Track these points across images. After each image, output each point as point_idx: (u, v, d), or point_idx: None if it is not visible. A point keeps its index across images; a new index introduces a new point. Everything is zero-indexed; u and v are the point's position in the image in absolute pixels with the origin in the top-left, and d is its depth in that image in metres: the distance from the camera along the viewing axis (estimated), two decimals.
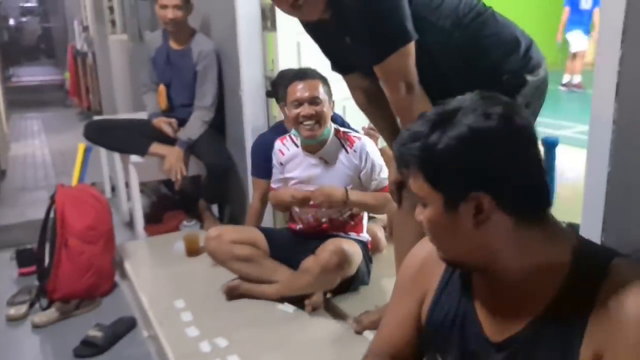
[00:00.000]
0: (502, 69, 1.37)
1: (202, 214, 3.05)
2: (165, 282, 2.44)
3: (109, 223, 2.53)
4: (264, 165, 2.42)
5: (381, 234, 2.53)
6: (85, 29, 8.40)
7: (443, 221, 0.85)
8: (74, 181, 2.60)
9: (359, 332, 1.89)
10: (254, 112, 2.75)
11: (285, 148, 2.25)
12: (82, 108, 7.77)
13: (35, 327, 2.24)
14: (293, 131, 2.22)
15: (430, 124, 0.83)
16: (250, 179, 2.77)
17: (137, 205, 3.00)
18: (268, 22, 2.67)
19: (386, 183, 2.08)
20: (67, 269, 2.37)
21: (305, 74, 2.12)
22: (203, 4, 3.04)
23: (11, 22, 16.12)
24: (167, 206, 3.30)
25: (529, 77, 1.38)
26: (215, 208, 3.19)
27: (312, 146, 2.15)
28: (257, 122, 2.76)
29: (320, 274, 1.98)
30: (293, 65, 2.73)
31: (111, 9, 6.01)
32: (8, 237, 3.22)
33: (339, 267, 1.97)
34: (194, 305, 2.18)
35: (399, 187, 1.67)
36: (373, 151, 2.17)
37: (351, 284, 2.15)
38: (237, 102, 2.79)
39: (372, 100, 1.69)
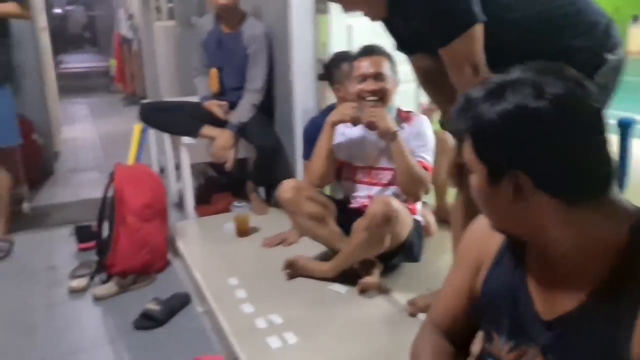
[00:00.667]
0: (579, 46, 1.32)
1: (249, 196, 3.10)
2: (218, 261, 2.50)
3: (164, 202, 2.60)
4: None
5: (432, 219, 2.54)
6: (131, 16, 8.58)
7: (486, 192, 0.86)
8: (130, 160, 2.68)
9: (413, 315, 1.91)
10: (304, 95, 2.77)
11: (346, 125, 2.28)
12: (127, 94, 7.97)
13: (96, 299, 2.33)
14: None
15: (485, 92, 0.82)
16: (300, 162, 2.81)
17: (188, 187, 3.07)
18: (321, 4, 2.68)
19: (423, 162, 2.13)
20: (125, 245, 2.45)
21: (371, 50, 2.15)
22: None
23: (58, 11, 16.56)
24: (215, 188, 3.37)
25: (609, 56, 1.33)
26: (262, 191, 3.24)
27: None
28: (307, 105, 2.79)
29: (369, 227, 1.98)
30: (344, 47, 2.75)
31: None
32: (65, 215, 3.35)
33: (386, 219, 1.96)
34: (247, 283, 2.23)
35: (459, 171, 1.67)
36: (428, 130, 2.21)
37: (403, 253, 2.16)
38: (288, 85, 2.82)
39: (436, 80, 1.69)
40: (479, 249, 1.02)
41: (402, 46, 1.69)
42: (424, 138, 2.19)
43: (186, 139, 2.98)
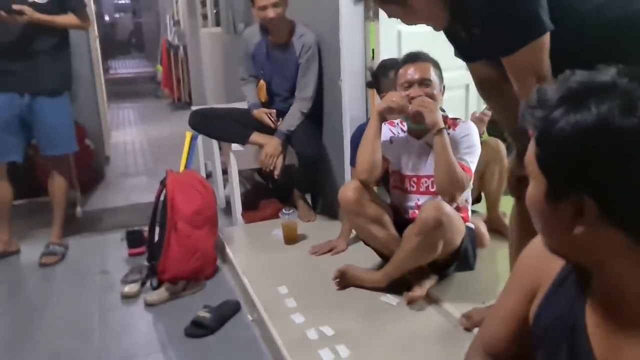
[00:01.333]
0: None
1: (296, 203, 3.10)
2: (267, 268, 2.50)
3: (214, 209, 2.62)
4: None
5: (484, 228, 2.47)
6: (176, 23, 8.77)
7: (542, 207, 0.75)
8: (181, 167, 2.71)
9: (468, 329, 1.85)
10: (353, 102, 2.75)
11: (391, 132, 2.26)
12: (173, 99, 8.14)
13: (148, 305, 2.36)
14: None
15: (563, 93, 0.70)
16: (348, 168, 2.79)
17: (237, 193, 3.09)
18: (370, 11, 2.66)
19: (464, 164, 2.06)
20: (176, 251, 2.48)
21: (417, 57, 2.11)
22: None
23: (106, 18, 17.10)
24: (262, 194, 3.38)
25: None
26: (308, 197, 3.24)
27: (419, 131, 2.15)
28: (356, 112, 2.76)
29: (420, 233, 1.94)
30: (394, 54, 2.71)
31: (203, 3, 6.22)
32: (117, 220, 3.43)
33: (438, 224, 1.91)
34: (297, 292, 2.22)
35: (519, 181, 1.61)
36: (474, 135, 2.15)
37: (457, 262, 2.11)
38: (337, 92, 2.80)
39: (496, 89, 1.64)
40: (536, 271, 0.92)
41: (461, 53, 1.64)
42: (469, 142, 2.13)
43: (235, 146, 3.00)
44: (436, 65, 2.12)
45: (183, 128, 5.76)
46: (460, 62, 1.66)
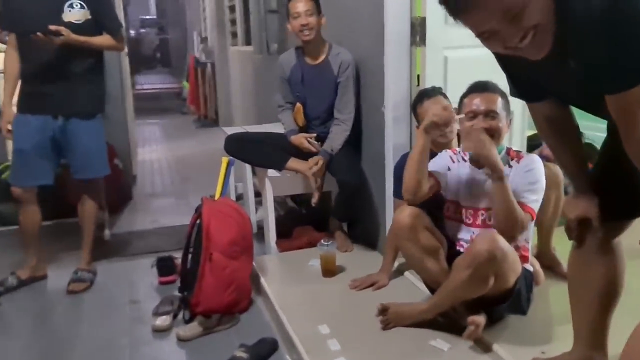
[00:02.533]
0: None
1: (333, 232, 2.98)
2: (305, 303, 2.38)
3: (250, 239, 2.51)
4: None
5: (538, 266, 2.32)
6: (204, 40, 8.78)
7: None
8: (217, 194, 2.61)
9: None
10: (396, 130, 2.63)
11: (451, 160, 2.15)
12: (199, 116, 8.11)
13: (180, 340, 2.25)
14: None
15: None
16: (390, 198, 2.67)
17: (271, 220, 2.98)
18: (417, 36, 2.55)
19: (527, 205, 1.93)
20: (211, 283, 2.37)
21: (485, 87, 2.01)
22: (342, 17, 2.97)
23: (132, 33, 17.31)
24: (296, 220, 3.27)
25: None
26: (344, 225, 3.11)
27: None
28: (399, 140, 2.64)
29: (471, 265, 1.81)
30: (439, 81, 2.60)
31: (233, 21, 6.20)
32: (145, 244, 3.34)
33: (491, 257, 1.78)
34: (339, 331, 2.09)
35: (582, 224, 1.48)
36: (539, 170, 2.01)
37: (509, 303, 1.97)
38: (379, 118, 2.68)
39: (558, 129, 1.52)
40: None
41: (520, 90, 1.51)
42: (533, 177, 1.99)
43: (271, 171, 2.90)
44: (504, 96, 2.00)
45: (209, 146, 5.70)
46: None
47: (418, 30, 2.53)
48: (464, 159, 2.14)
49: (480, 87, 2.02)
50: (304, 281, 2.59)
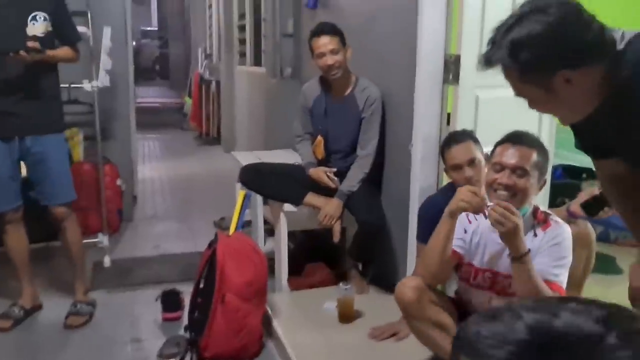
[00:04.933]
0: None
1: (348, 273, 2.83)
2: (322, 353, 2.23)
3: (265, 280, 2.36)
4: (433, 230, 2.17)
5: None
6: (208, 56, 8.67)
7: None
8: (232, 229, 2.46)
9: None
10: (424, 169, 2.50)
11: (467, 220, 1.94)
12: (200, 133, 7.96)
13: None
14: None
15: None
16: (412, 241, 2.53)
17: (284, 257, 2.83)
18: (450, 74, 2.44)
19: (555, 283, 1.74)
20: (222, 326, 2.21)
21: (521, 138, 1.80)
22: (372, 50, 2.85)
23: (133, 43, 17.20)
24: (307, 256, 3.11)
25: None
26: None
27: None
28: (427, 181, 2.51)
29: None
30: (470, 121, 2.49)
31: (242, 41, 6.09)
32: (148, 273, 3.17)
33: None
34: None
35: None
36: (566, 242, 1.79)
37: None
38: (405, 156, 2.56)
39: (627, 190, 1.41)
40: None
41: (584, 146, 1.41)
42: (560, 253, 1.79)
43: (287, 206, 2.76)
44: (542, 152, 1.80)
45: (210, 166, 5.57)
46: None
47: (452, 68, 2.42)
48: (485, 215, 1.88)
49: (516, 138, 1.80)
50: (319, 326, 2.43)
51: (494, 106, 2.56)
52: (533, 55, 1.13)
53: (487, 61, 1.18)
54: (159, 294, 2.68)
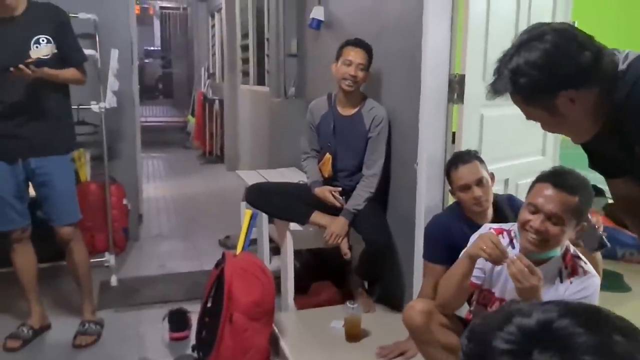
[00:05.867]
0: None
1: (354, 291, 2.84)
2: None
3: (273, 300, 2.36)
4: (440, 249, 2.18)
5: None
6: (211, 75, 8.76)
7: None
8: (238, 249, 2.47)
9: None
10: (430, 189, 2.52)
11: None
12: (204, 151, 8.00)
13: None
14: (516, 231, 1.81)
15: None
16: (418, 260, 2.54)
17: (290, 276, 2.84)
18: (455, 93, 2.47)
19: None
20: (230, 346, 2.22)
21: (563, 183, 1.60)
22: (377, 68, 2.88)
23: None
24: (313, 275, 3.12)
25: None
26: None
27: (530, 259, 1.66)
28: (432, 201, 2.52)
29: None
30: (474, 140, 2.51)
31: (245, 60, 6.15)
32: (154, 292, 3.17)
33: None
34: None
35: None
36: (594, 296, 1.69)
37: None
38: (411, 176, 2.58)
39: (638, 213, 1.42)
40: None
41: (602, 168, 1.43)
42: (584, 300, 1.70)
43: (293, 225, 2.77)
44: (585, 196, 1.62)
45: (214, 185, 5.59)
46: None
47: (456, 87, 2.45)
48: (512, 245, 1.82)
49: (558, 179, 1.62)
50: (327, 345, 2.43)
51: (499, 124, 2.59)
52: (531, 80, 1.18)
53: (494, 91, 1.24)
54: (166, 314, 2.69)
